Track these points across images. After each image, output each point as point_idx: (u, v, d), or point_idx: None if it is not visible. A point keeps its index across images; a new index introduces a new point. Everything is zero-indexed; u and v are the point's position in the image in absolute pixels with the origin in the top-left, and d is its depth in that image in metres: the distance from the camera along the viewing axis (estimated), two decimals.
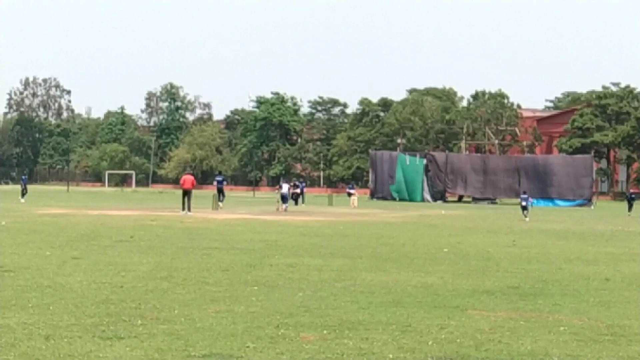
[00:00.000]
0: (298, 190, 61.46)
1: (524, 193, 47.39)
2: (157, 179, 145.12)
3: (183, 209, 40.71)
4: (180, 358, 8.65)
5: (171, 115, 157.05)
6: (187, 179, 42.90)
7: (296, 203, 59.60)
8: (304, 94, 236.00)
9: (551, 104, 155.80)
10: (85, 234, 25.71)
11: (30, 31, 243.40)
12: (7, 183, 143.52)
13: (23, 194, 60.54)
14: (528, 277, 16.43)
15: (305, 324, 10.70)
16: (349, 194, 65.91)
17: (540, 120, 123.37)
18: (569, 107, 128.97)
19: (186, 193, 41.56)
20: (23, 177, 68.17)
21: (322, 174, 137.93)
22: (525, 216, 43.05)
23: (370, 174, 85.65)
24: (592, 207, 70.57)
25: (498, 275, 16.69)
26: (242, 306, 11.97)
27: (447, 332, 10.34)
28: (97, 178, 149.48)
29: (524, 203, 44.67)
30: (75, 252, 19.44)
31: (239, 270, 16.54)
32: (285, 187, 50.38)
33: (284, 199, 48.98)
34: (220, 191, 49.35)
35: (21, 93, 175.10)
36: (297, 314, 11.38)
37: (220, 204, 47.25)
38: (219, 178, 51.62)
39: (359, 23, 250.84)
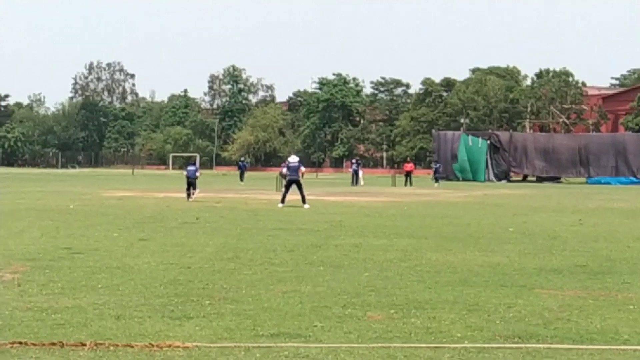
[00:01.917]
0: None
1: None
2: (221, 162, 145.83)
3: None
4: (249, 337, 8.72)
5: (234, 98, 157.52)
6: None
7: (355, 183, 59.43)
8: (366, 74, 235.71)
9: (617, 82, 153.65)
10: (151, 216, 25.97)
11: (94, 16, 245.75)
12: (73, 167, 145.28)
13: (242, 178, 61.52)
14: (595, 255, 16.28)
15: (372, 303, 10.72)
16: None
17: (606, 98, 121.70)
18: (635, 84, 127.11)
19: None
20: (241, 162, 69.23)
21: (385, 154, 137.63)
22: None
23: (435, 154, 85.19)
24: None
25: (565, 254, 16.55)
26: (309, 286, 12.02)
27: (515, 310, 10.29)
28: (162, 161, 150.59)
29: None
30: (143, 234, 19.66)
31: (304, 250, 16.60)
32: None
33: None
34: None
35: (86, 77, 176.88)
36: (364, 294, 11.40)
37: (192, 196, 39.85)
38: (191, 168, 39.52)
39: (422, 2, 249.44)
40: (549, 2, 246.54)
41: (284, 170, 33.05)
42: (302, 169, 32.65)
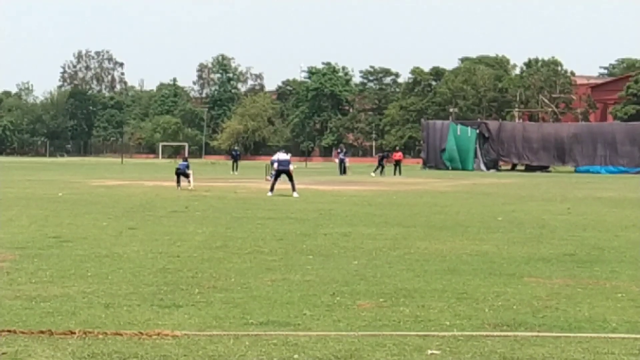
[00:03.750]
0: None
1: None
2: (210, 151, 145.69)
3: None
4: (238, 325, 8.72)
5: (223, 87, 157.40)
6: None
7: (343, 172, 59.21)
8: (355, 63, 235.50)
9: (605, 71, 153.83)
10: (140, 204, 25.95)
11: (83, 4, 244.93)
12: (62, 155, 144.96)
13: (236, 168, 61.65)
14: (584, 244, 16.33)
15: (361, 292, 10.74)
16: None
17: (595, 87, 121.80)
18: (623, 73, 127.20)
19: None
20: (234, 151, 68.53)
21: (374, 143, 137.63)
22: None
23: (423, 144, 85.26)
24: None
25: (553, 242, 16.60)
26: (298, 275, 12.03)
27: (504, 299, 10.32)
28: (151, 150, 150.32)
29: None
30: (131, 223, 19.64)
31: (293, 239, 16.62)
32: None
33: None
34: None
35: (74, 66, 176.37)
36: (353, 282, 11.42)
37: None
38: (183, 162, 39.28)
39: None
40: None
41: (275, 165, 32.50)
42: (292, 166, 32.44)
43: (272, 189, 31.28)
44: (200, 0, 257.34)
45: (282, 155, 32.90)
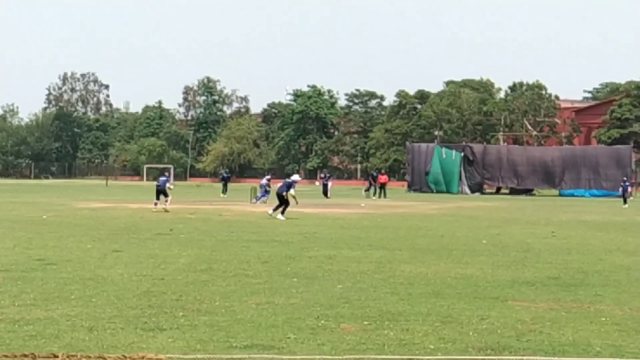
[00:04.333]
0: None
1: (625, 181, 50.57)
2: (195, 173, 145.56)
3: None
4: (222, 349, 8.71)
5: (208, 109, 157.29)
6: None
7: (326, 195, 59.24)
8: (340, 86, 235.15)
9: (589, 95, 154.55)
10: (125, 227, 25.90)
11: (68, 26, 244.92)
12: (46, 177, 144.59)
13: (225, 190, 60.11)
14: (568, 268, 16.37)
15: (346, 315, 10.74)
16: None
17: (579, 111, 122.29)
18: (607, 97, 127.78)
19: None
20: (225, 173, 66.91)
21: (359, 166, 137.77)
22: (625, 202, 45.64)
23: (408, 167, 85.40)
24: (631, 198, 69.91)
25: (538, 266, 16.64)
26: (282, 298, 12.03)
27: (488, 322, 10.34)
28: (136, 172, 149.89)
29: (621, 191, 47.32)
30: (116, 245, 19.61)
31: (278, 262, 16.61)
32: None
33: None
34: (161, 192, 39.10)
35: (60, 88, 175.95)
36: (337, 306, 11.42)
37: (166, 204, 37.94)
38: (162, 178, 40.11)
39: (395, 14, 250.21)
40: (522, 16, 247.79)
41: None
42: (292, 191, 32.45)
43: (282, 213, 31.34)
44: (186, 23, 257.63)
45: (294, 176, 35.48)
